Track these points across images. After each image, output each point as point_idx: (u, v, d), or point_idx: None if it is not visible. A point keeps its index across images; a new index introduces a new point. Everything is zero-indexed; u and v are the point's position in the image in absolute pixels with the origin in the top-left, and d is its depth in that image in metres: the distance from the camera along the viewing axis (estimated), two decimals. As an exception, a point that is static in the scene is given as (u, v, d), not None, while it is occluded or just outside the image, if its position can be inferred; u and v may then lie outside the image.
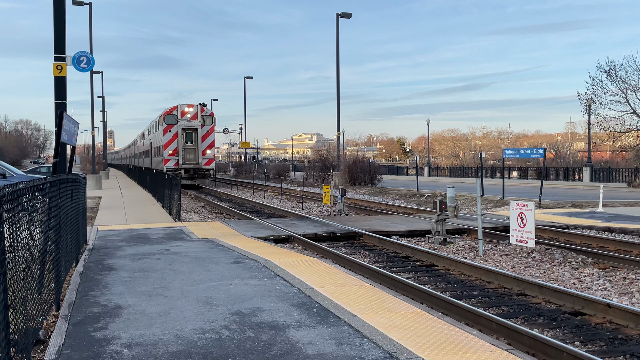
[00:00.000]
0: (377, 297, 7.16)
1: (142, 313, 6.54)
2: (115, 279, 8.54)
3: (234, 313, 6.51)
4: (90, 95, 44.67)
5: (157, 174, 27.18)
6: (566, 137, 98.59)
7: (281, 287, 7.81)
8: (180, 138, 37.01)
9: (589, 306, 7.70)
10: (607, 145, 50.28)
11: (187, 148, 37.27)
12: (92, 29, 35.65)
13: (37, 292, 5.79)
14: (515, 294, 8.82)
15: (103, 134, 56.59)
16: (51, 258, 6.78)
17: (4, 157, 64.74)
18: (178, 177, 21.56)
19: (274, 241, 13.43)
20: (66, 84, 12.94)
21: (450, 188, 13.62)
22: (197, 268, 9.26)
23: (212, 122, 38.13)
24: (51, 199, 6.74)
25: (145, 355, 5.12)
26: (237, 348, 5.31)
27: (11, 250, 4.30)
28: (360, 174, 38.10)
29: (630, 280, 9.61)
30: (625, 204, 22.52)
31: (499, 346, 5.32)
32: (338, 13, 37.81)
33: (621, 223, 16.00)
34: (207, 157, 38.06)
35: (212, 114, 38.50)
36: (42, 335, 5.96)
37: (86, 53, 13.75)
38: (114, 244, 12.13)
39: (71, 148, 11.47)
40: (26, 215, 5.21)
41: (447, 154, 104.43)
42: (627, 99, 35.34)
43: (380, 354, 5.10)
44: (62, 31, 12.79)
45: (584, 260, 11.12)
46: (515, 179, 50.26)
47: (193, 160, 37.29)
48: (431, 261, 11.37)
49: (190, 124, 37.44)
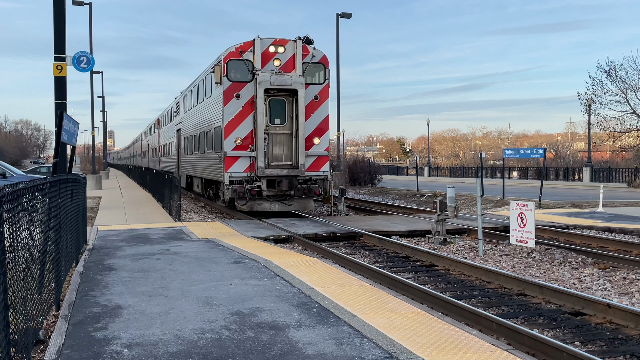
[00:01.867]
0: (377, 297, 7.16)
1: (142, 313, 6.54)
2: (115, 279, 8.54)
3: (234, 313, 6.51)
4: (90, 95, 44.67)
5: (158, 174, 26.81)
6: (566, 137, 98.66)
7: (281, 287, 7.81)
8: (259, 112, 17.83)
9: (589, 306, 7.70)
10: (607, 145, 50.30)
11: (273, 133, 18.30)
12: (92, 29, 35.65)
13: (37, 292, 5.79)
14: (515, 294, 8.82)
15: (103, 134, 56.60)
16: (51, 258, 6.78)
17: (4, 157, 64.80)
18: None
19: (274, 241, 13.43)
20: (66, 84, 12.95)
21: (450, 188, 13.60)
22: (197, 268, 9.26)
23: (324, 77, 18.93)
24: (51, 199, 6.74)
25: (145, 355, 5.12)
26: (237, 348, 5.31)
27: (11, 250, 4.30)
28: (360, 174, 38.11)
29: (630, 280, 9.61)
30: (625, 204, 22.52)
31: (499, 346, 5.32)
32: (338, 13, 37.79)
33: (621, 223, 16.00)
34: (317, 151, 18.77)
35: (325, 59, 19.02)
36: (42, 335, 5.96)
37: (86, 53, 13.75)
38: (114, 244, 12.13)
39: (71, 148, 11.48)
40: (26, 215, 5.21)
41: (447, 154, 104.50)
42: (627, 99, 35.36)
43: (380, 354, 5.10)
44: (62, 31, 12.79)
45: (584, 260, 11.12)
46: (516, 179, 50.27)
47: (286, 158, 18.50)
48: (431, 261, 11.37)
49: (282, 81, 17.98)
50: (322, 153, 18.76)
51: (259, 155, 17.75)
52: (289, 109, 18.37)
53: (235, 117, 18.03)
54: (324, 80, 18.93)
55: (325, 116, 18.88)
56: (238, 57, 18.22)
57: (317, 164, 18.67)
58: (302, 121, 18.03)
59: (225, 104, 18.05)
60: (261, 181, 17.85)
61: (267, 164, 18.01)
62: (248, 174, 17.97)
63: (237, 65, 18.27)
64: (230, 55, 18.25)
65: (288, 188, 17.77)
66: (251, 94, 18.02)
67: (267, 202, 18.02)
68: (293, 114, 18.29)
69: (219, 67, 18.22)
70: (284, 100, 18.38)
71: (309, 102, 18.53)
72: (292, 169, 18.13)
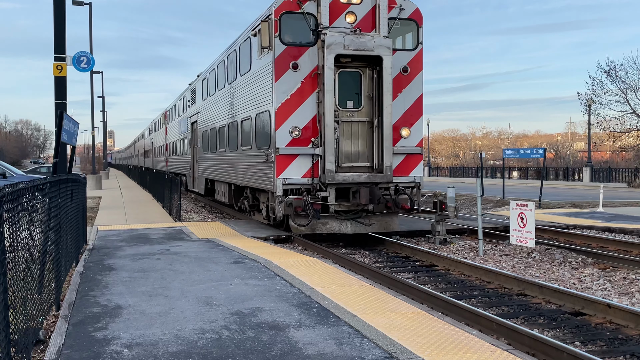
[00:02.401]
0: (377, 297, 7.16)
1: (142, 313, 6.54)
2: (115, 279, 8.54)
3: (234, 313, 6.51)
4: (90, 95, 44.60)
5: (157, 174, 26.76)
6: (566, 137, 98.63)
7: (281, 287, 7.81)
8: (327, 89, 12.59)
9: (589, 306, 7.70)
10: (607, 145, 50.28)
11: (344, 121, 13.17)
12: (92, 29, 35.64)
13: (37, 292, 5.79)
14: (515, 294, 8.82)
15: (103, 134, 56.63)
16: (51, 258, 6.78)
17: (4, 157, 64.81)
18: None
19: (274, 241, 13.43)
20: (66, 84, 12.96)
21: (450, 188, 13.57)
22: (197, 268, 9.26)
23: (417, 40, 13.80)
24: (51, 199, 6.74)
25: (145, 356, 5.12)
26: (237, 348, 5.31)
27: (11, 250, 4.30)
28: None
29: (630, 281, 9.61)
30: (625, 204, 22.52)
31: (499, 346, 5.32)
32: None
33: (621, 223, 16.00)
34: (405, 147, 13.77)
35: (418, 14, 13.70)
36: (42, 335, 5.96)
37: (86, 53, 13.77)
38: (114, 244, 12.14)
39: (71, 148, 11.48)
40: (26, 215, 5.21)
41: (447, 154, 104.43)
42: (627, 99, 35.40)
43: (380, 354, 5.10)
44: (62, 31, 12.80)
45: (584, 260, 11.12)
46: (516, 179, 50.26)
47: (363, 157, 13.34)
48: (431, 261, 11.37)
49: (360, 44, 12.57)
50: (413, 150, 13.64)
51: (328, 152, 12.49)
52: (367, 86, 13.09)
53: (291, 97, 12.71)
54: (417, 44, 13.62)
55: (418, 97, 13.64)
56: (296, 9, 12.71)
57: (405, 166, 13.52)
58: (389, 103, 12.72)
59: (277, 79, 12.67)
60: (328, 190, 12.73)
61: (338, 164, 12.82)
62: (309, 180, 12.76)
63: (294, 21, 12.80)
64: (284, 5, 12.68)
65: (368, 201, 12.49)
66: (314, 64, 12.77)
67: (335, 221, 12.82)
68: (374, 92, 13.02)
69: (268, 25, 12.57)
70: (360, 74, 13.09)
71: (396, 75, 13.29)
72: (374, 172, 12.92)
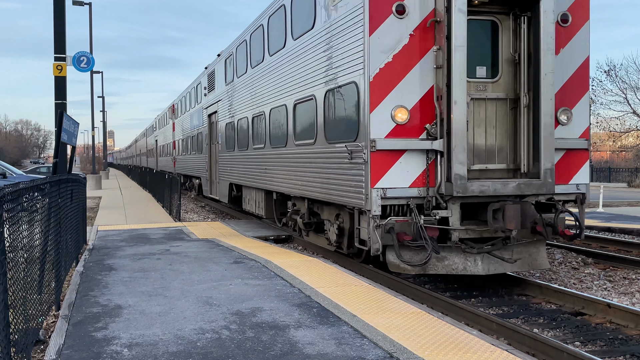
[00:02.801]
0: (377, 297, 7.16)
1: (142, 313, 6.54)
2: (115, 279, 8.54)
3: (234, 313, 6.51)
4: (90, 95, 44.62)
5: (157, 174, 26.77)
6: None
7: (281, 287, 7.81)
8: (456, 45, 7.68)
9: (589, 306, 7.70)
10: (607, 145, 50.30)
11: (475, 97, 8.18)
12: (92, 29, 35.65)
13: (37, 292, 5.79)
14: (515, 294, 8.82)
15: (103, 134, 56.64)
16: (51, 258, 6.78)
17: (4, 157, 64.82)
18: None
19: (274, 241, 13.42)
20: (66, 84, 12.95)
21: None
22: (197, 268, 9.26)
23: None
24: (51, 199, 6.75)
25: (145, 356, 5.12)
26: (237, 348, 5.31)
27: (11, 250, 4.30)
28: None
29: (630, 280, 9.61)
30: (625, 204, 22.53)
31: (499, 346, 5.32)
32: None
33: (621, 223, 16.00)
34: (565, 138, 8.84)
35: None
36: (42, 335, 5.97)
37: (86, 53, 13.76)
38: (114, 244, 12.13)
39: (71, 148, 11.48)
40: (26, 215, 5.22)
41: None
42: (627, 99, 35.42)
43: (380, 354, 5.10)
44: (62, 31, 12.79)
45: (584, 260, 11.12)
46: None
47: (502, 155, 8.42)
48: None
49: None
50: (576, 143, 9.27)
51: (457, 147, 7.90)
52: (508, 45, 8.59)
53: (394, 59, 8.11)
54: None
55: (583, 61, 9.26)
56: None
57: (565, 168, 9.03)
58: (550, 68, 8.22)
59: (374, 30, 8.06)
60: (450, 207, 8.24)
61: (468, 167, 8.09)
62: (420, 191, 8.24)
63: None
64: None
65: (519, 224, 7.94)
66: (429, 7, 8.18)
67: (459, 256, 8.35)
68: (521, 53, 8.48)
69: None
70: (497, 24, 8.57)
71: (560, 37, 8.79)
72: (527, 179, 8.31)
